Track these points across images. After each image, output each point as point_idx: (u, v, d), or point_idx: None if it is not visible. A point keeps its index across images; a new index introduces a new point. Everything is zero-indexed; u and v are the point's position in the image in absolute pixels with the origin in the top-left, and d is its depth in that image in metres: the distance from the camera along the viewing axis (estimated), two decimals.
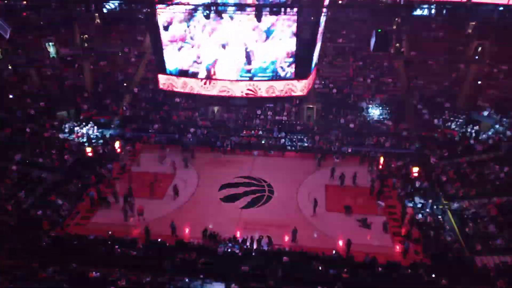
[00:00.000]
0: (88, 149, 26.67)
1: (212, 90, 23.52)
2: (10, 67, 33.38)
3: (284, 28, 20.91)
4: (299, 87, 23.27)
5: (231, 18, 20.67)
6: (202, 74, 23.31)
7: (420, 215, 22.16)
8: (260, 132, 31.10)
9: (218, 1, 20.07)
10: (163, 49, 23.15)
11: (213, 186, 25.62)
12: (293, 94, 23.59)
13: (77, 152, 28.24)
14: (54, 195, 23.68)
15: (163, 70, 24.29)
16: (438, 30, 35.45)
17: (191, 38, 22.24)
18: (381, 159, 26.86)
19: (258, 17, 19.26)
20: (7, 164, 25.05)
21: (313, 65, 23.92)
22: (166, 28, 22.26)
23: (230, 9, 19.91)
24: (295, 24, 20.62)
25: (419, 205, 23.12)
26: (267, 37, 21.33)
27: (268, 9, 19.07)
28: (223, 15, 20.34)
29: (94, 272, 17.44)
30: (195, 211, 23.21)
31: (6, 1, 17.62)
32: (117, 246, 19.29)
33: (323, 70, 34.63)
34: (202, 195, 24.90)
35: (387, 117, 31.36)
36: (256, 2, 20.19)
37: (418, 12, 31.36)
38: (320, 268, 18.16)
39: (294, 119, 32.23)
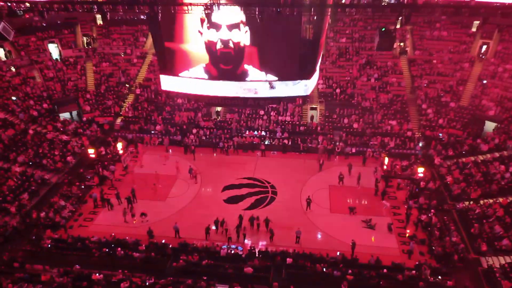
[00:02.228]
0: (91, 151, 26.64)
1: None
2: (13, 68, 33.45)
3: None
4: None
5: None
6: None
7: (425, 216, 21.97)
8: (263, 133, 30.94)
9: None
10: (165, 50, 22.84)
11: (216, 187, 25.51)
12: None
13: (79, 153, 28.22)
14: (57, 196, 23.70)
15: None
16: (442, 29, 35.22)
17: None
18: (386, 160, 26.66)
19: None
20: (10, 165, 25.07)
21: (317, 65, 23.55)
22: None
23: None
24: None
25: (424, 206, 22.92)
26: None
27: None
28: None
29: (97, 274, 17.39)
30: (198, 213, 23.09)
31: (9, 4, 17.55)
32: (119, 248, 19.23)
33: (327, 70, 34.48)
34: (205, 197, 24.82)
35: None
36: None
37: None
38: (324, 269, 18.02)
39: (298, 120, 32.08)
